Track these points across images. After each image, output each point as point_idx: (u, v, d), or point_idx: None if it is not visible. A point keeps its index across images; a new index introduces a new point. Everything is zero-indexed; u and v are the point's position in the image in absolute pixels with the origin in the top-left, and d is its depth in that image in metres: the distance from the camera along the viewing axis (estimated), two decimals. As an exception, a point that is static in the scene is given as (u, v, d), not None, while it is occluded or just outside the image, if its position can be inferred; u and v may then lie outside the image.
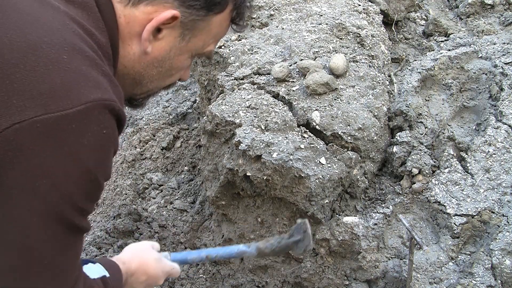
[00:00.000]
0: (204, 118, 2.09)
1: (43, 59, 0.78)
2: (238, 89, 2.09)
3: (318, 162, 1.84)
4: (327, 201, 1.88)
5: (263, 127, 1.90)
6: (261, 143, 1.85)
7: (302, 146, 1.86)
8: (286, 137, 1.89)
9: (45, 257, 0.85)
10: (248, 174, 1.87)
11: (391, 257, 1.92)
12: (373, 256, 1.89)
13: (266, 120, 1.92)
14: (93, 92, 0.80)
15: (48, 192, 0.79)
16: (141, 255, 1.30)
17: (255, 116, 1.95)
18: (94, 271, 1.09)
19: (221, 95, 2.12)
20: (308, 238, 1.47)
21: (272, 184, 1.87)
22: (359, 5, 2.52)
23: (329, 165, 1.86)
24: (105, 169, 0.87)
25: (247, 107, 1.99)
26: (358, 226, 1.89)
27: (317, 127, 1.93)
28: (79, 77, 0.79)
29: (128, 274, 1.22)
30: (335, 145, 1.92)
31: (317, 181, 1.82)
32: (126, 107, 1.07)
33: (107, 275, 1.09)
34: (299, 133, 1.92)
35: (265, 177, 1.84)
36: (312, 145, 1.87)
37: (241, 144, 1.86)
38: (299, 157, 1.82)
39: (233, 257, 1.57)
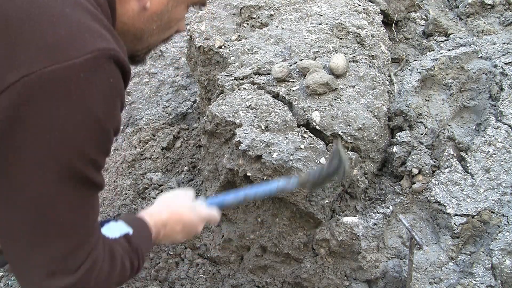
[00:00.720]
0: (204, 118, 2.09)
1: (47, 13, 0.79)
2: (238, 89, 2.09)
3: (318, 162, 1.84)
4: (327, 201, 1.88)
5: (263, 127, 1.90)
6: (261, 143, 1.85)
7: (302, 146, 1.86)
8: (286, 137, 1.89)
9: (61, 216, 0.83)
10: (248, 174, 1.87)
11: (391, 257, 1.92)
12: (373, 256, 1.89)
13: (266, 120, 1.92)
14: (98, 41, 0.81)
15: (59, 145, 0.79)
16: (172, 204, 1.24)
17: (255, 116, 1.95)
18: (115, 229, 1.04)
19: (221, 95, 2.12)
20: (344, 161, 1.39)
21: (272, 184, 1.86)
22: (359, 5, 2.52)
23: (329, 165, 1.86)
24: (114, 119, 0.87)
25: (247, 107, 1.98)
26: (358, 226, 1.89)
27: (317, 127, 1.93)
28: (83, 28, 0.81)
29: (159, 226, 1.17)
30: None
31: (317, 181, 1.82)
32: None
33: (131, 232, 1.06)
34: (299, 133, 1.91)
35: (265, 177, 1.84)
36: (312, 145, 1.87)
37: (241, 144, 1.86)
38: (299, 157, 1.82)
39: (273, 194, 1.46)
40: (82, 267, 0.88)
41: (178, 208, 1.24)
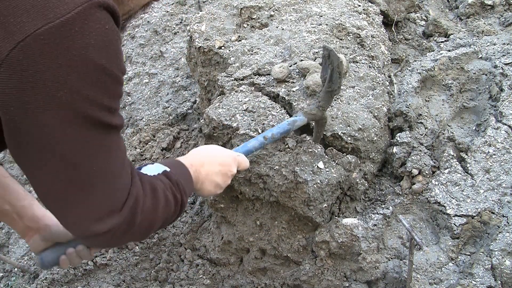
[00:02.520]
0: (201, 121, 2.08)
1: None
2: (236, 91, 2.09)
3: (316, 166, 1.84)
4: (325, 205, 1.88)
5: (260, 131, 1.89)
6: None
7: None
8: (283, 142, 1.88)
9: (90, 165, 0.86)
10: (246, 179, 1.86)
11: (391, 258, 1.92)
12: (373, 257, 1.89)
13: (263, 124, 1.91)
14: None
15: (71, 100, 0.80)
16: (204, 148, 1.29)
17: (252, 120, 1.94)
18: (152, 170, 1.08)
19: (218, 97, 2.11)
20: (335, 60, 1.41)
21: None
22: (359, 5, 2.52)
23: (327, 169, 1.85)
24: (118, 62, 0.88)
25: (244, 110, 1.98)
26: (358, 228, 1.89)
27: (317, 128, 1.93)
28: None
29: (197, 165, 1.20)
30: (334, 149, 1.91)
31: (315, 186, 1.81)
32: None
33: (168, 169, 1.09)
34: (295, 139, 1.90)
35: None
36: (310, 150, 1.86)
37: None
38: (296, 161, 1.82)
39: (288, 130, 1.54)
40: (126, 205, 0.92)
41: (211, 149, 1.29)
